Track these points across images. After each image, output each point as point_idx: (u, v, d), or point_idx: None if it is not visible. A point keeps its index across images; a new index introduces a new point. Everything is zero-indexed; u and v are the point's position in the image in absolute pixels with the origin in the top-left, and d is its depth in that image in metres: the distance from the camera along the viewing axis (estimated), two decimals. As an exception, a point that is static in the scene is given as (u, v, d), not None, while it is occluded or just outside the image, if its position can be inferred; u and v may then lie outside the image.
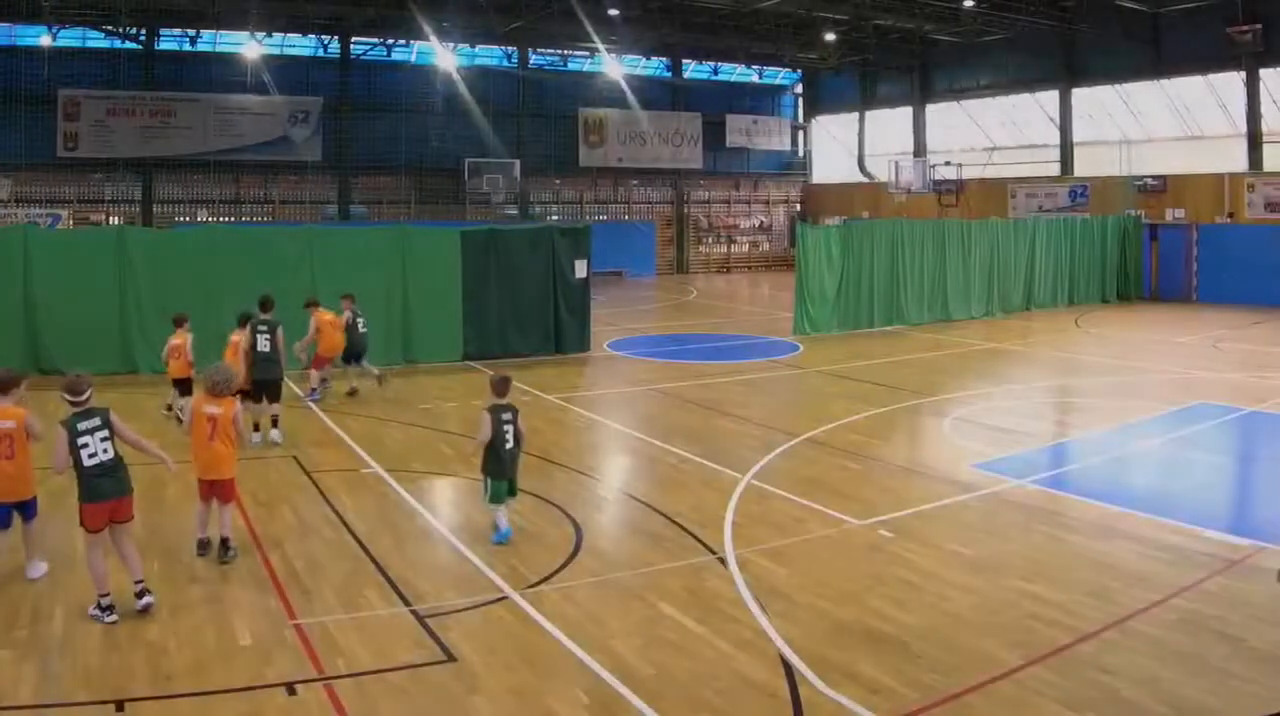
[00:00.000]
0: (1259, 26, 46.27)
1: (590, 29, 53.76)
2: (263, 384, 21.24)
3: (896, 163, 65.18)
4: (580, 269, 33.03)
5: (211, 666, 11.03)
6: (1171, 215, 51.37)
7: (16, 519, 13.54)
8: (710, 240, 73.55)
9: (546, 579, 13.63)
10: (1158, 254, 51.97)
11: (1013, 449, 20.89)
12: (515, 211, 65.02)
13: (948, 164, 63.50)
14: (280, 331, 21.61)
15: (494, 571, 13.82)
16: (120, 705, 10.14)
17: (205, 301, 27.86)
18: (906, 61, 65.87)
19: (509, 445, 15.06)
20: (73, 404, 12.53)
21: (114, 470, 12.62)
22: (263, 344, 21.28)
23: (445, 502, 17.91)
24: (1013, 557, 14.35)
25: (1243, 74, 48.80)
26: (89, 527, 12.41)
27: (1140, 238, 51.57)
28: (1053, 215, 53.03)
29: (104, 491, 12.41)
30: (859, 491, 17.86)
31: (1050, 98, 59.46)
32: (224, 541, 14.39)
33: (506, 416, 15.11)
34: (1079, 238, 48.62)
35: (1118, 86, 55.94)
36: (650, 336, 38.62)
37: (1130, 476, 19.44)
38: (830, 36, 59.36)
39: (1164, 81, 53.20)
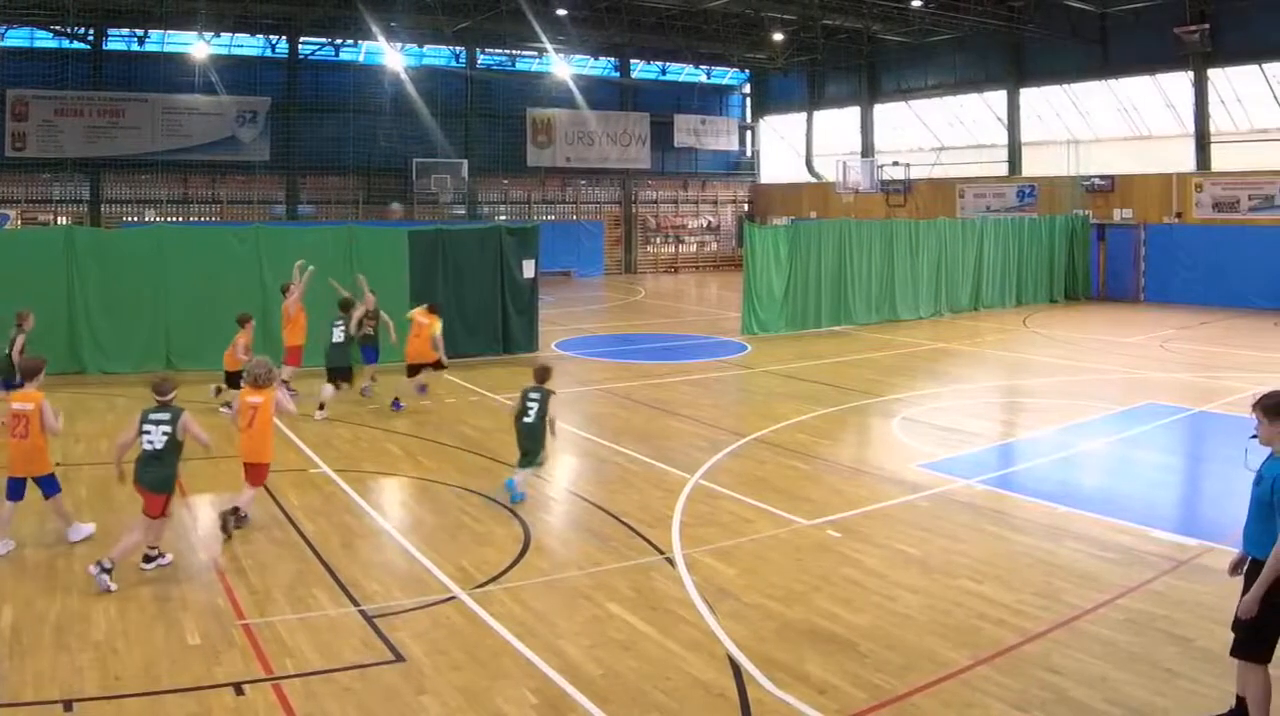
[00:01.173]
0: (1207, 27, 46.58)
1: (539, 29, 53.79)
2: (336, 371, 24.16)
3: (844, 163, 65.33)
4: (528, 269, 32.97)
5: (160, 666, 10.97)
6: (1119, 215, 51.65)
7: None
8: (658, 240, 73.56)
9: (495, 579, 13.59)
10: (1105, 254, 52.25)
11: (961, 449, 20.93)
12: (463, 211, 64.98)
13: (896, 164, 63.81)
14: (352, 325, 24.75)
15: (442, 571, 13.80)
16: (69, 705, 10.09)
17: (154, 301, 27.90)
18: (854, 61, 66.14)
19: (526, 419, 17.13)
20: (157, 400, 14.21)
21: (151, 462, 13.77)
22: (337, 335, 24.38)
23: (394, 503, 17.85)
24: (961, 558, 14.33)
25: (1191, 74, 49.10)
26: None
27: (1088, 238, 51.84)
28: (1001, 215, 53.17)
29: (138, 476, 13.73)
30: (807, 491, 17.82)
31: (998, 98, 59.73)
32: (234, 510, 15.43)
33: (533, 396, 17.22)
34: (1027, 238, 48.80)
35: (1066, 87, 56.25)
36: (598, 336, 38.56)
37: (1078, 476, 19.43)
38: (778, 36, 59.66)
39: (1112, 82, 53.53)
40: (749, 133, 78.07)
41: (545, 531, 15.87)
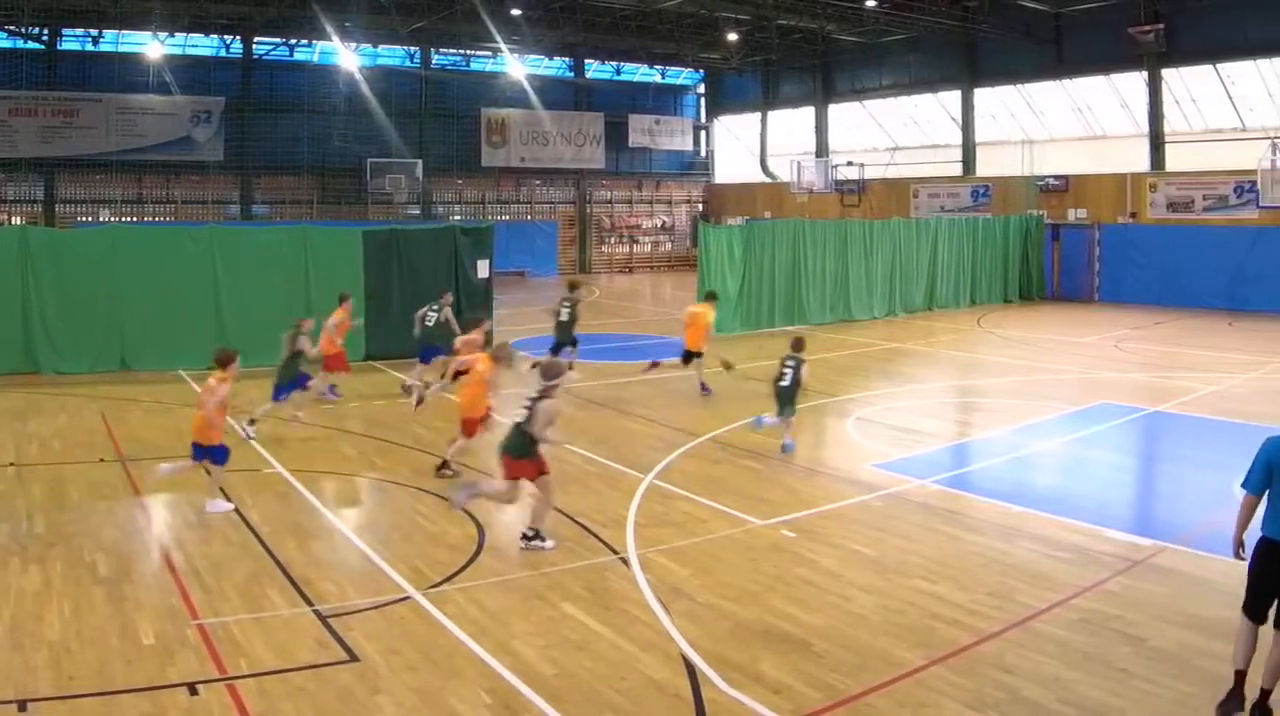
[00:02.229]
0: (1161, 27, 46.81)
1: (493, 29, 53.71)
2: (431, 350, 27.01)
3: (799, 163, 65.60)
4: (482, 269, 32.90)
5: (114, 666, 10.92)
6: (1074, 215, 51.86)
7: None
8: (613, 240, 73.59)
9: (449, 579, 13.56)
10: (1060, 254, 52.47)
11: (915, 449, 20.99)
12: (418, 211, 64.86)
13: (850, 164, 63.96)
14: (448, 311, 27.61)
15: (396, 571, 13.76)
16: (23, 705, 10.03)
17: (108, 301, 27.90)
18: (809, 61, 66.23)
19: (782, 383, 21.02)
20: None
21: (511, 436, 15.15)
22: (430, 319, 27.33)
23: (348, 503, 17.76)
24: (915, 557, 14.33)
25: (1145, 74, 49.36)
26: None
27: (1042, 238, 52.07)
28: (955, 215, 53.34)
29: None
30: (762, 491, 17.81)
31: (952, 98, 59.95)
32: (444, 462, 18.79)
33: (789, 362, 21.20)
34: (981, 238, 48.93)
35: (1020, 87, 56.51)
36: (553, 336, 38.42)
37: (1032, 476, 19.52)
38: (733, 36, 59.64)
39: (1066, 81, 53.80)
40: (703, 132, 78.24)
41: (499, 531, 15.79)
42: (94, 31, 55.66)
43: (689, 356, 26.84)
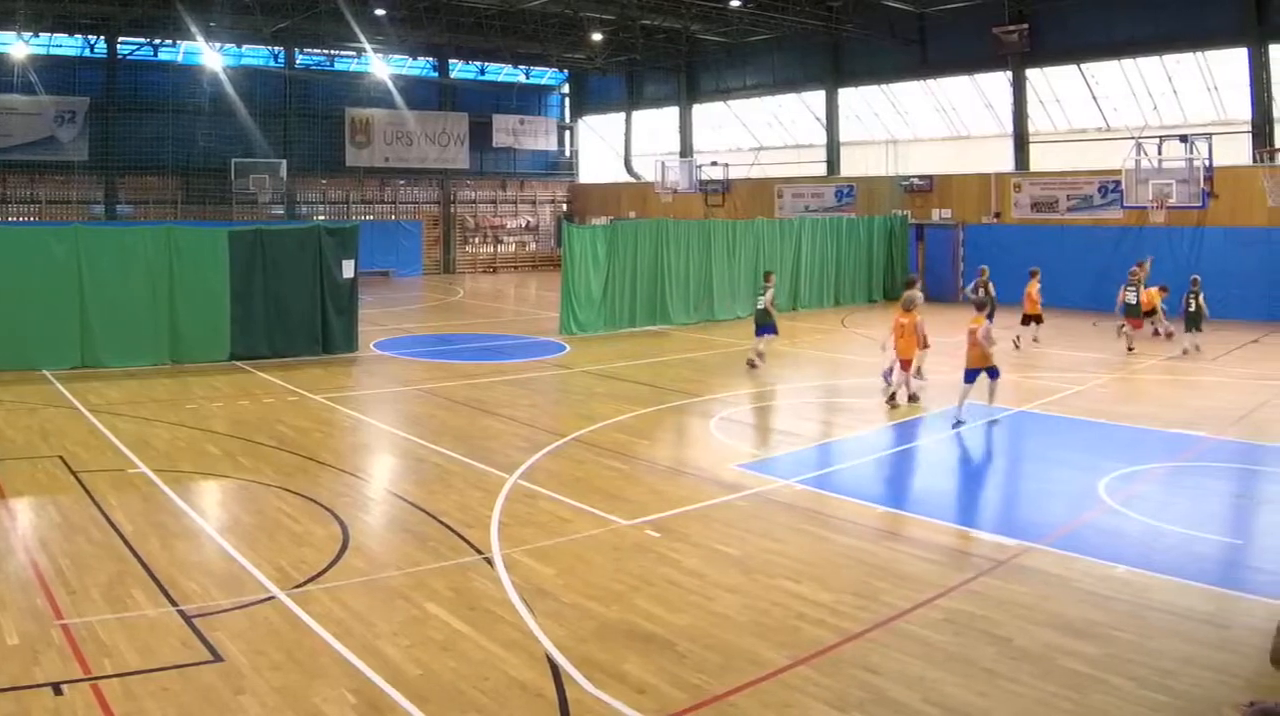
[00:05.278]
0: (1025, 27, 47.52)
1: (357, 29, 53.50)
2: (764, 327, 30.67)
3: (663, 163, 65.83)
4: (347, 269, 32.63)
5: (-22, 665, 10.69)
6: (938, 215, 52.46)
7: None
8: (477, 240, 73.44)
9: (313, 579, 13.40)
10: (924, 254, 52.94)
11: (780, 449, 21.13)
12: (282, 211, 64.45)
13: (714, 164, 64.30)
14: (771, 293, 31.11)
15: (261, 571, 13.59)
16: (-115, 706, 9.75)
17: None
18: (673, 62, 66.60)
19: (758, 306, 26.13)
20: None
21: None
22: (761, 303, 30.91)
23: (212, 503, 17.48)
24: (779, 558, 14.28)
25: (1009, 74, 50.10)
26: None
27: (907, 238, 52.56)
28: (819, 215, 53.73)
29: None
30: (626, 491, 17.73)
31: (817, 98, 60.46)
32: (893, 396, 25.09)
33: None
34: (845, 238, 49.28)
35: (884, 87, 57.18)
36: (417, 336, 38.32)
37: (898, 477, 19.66)
38: (597, 36, 59.77)
39: (931, 81, 54.56)
40: (568, 133, 78.38)
41: (363, 531, 15.67)
42: (-43, 31, 54.73)
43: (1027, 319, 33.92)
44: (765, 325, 30.72)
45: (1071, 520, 16.27)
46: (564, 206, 77.13)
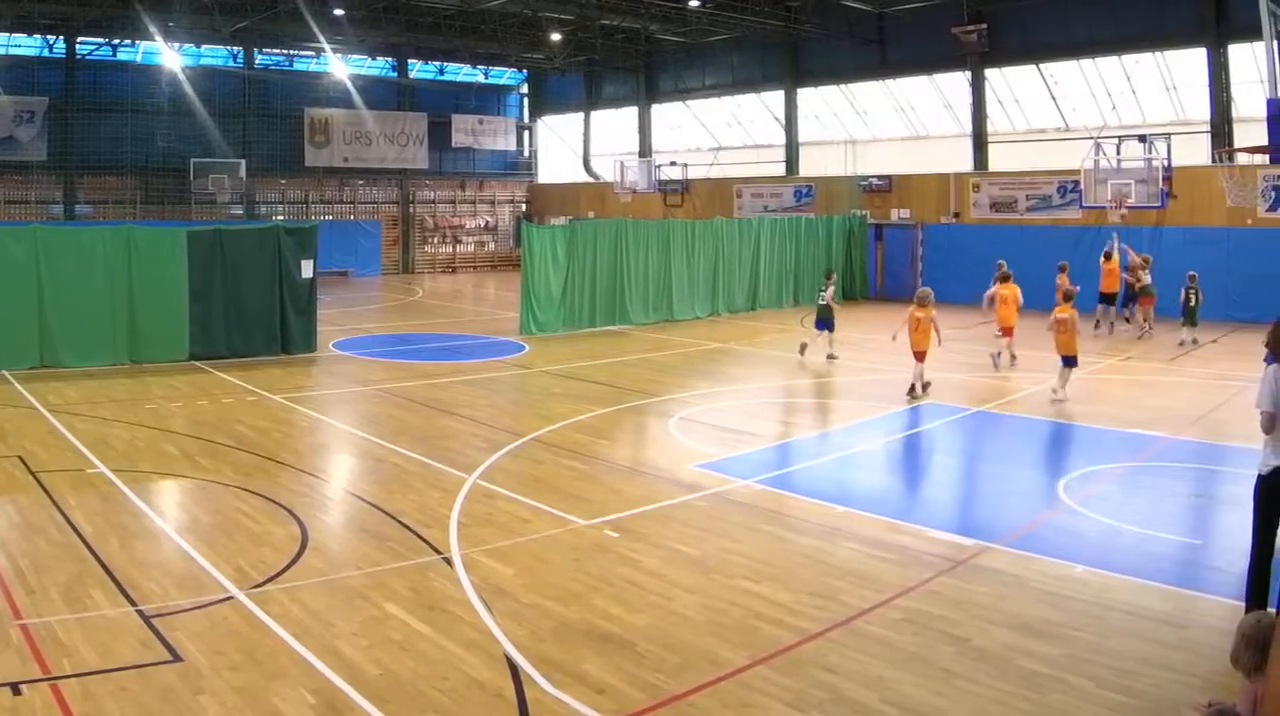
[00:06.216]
0: (984, 27, 47.67)
1: (316, 29, 53.07)
2: (823, 323, 32.44)
3: (622, 163, 65.78)
4: (306, 269, 32.55)
5: (-64, 666, 10.63)
6: (897, 215, 52.50)
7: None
8: (436, 240, 73.35)
9: (272, 579, 13.35)
10: (883, 254, 53.04)
11: (738, 449, 21.01)
12: (241, 211, 64.33)
13: (673, 164, 64.19)
14: (831, 290, 33.15)
15: (220, 571, 13.52)
16: None
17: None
18: (632, 62, 66.53)
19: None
20: None
21: None
22: (822, 299, 32.63)
23: (172, 503, 17.38)
24: (738, 558, 14.28)
25: (968, 74, 50.18)
26: None
27: (866, 238, 52.68)
28: (778, 215, 53.66)
29: None
30: (585, 491, 17.71)
31: (776, 98, 60.51)
32: (913, 387, 25.97)
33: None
34: (804, 238, 49.28)
35: (843, 87, 57.24)
36: (376, 336, 38.24)
37: (857, 476, 19.64)
38: (556, 36, 59.71)
39: (889, 82, 54.62)
40: (527, 133, 78.41)
41: (322, 531, 15.61)
42: (-85, 31, 54.41)
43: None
44: (824, 320, 32.20)
45: (1030, 520, 16.36)
46: (523, 206, 77.01)
